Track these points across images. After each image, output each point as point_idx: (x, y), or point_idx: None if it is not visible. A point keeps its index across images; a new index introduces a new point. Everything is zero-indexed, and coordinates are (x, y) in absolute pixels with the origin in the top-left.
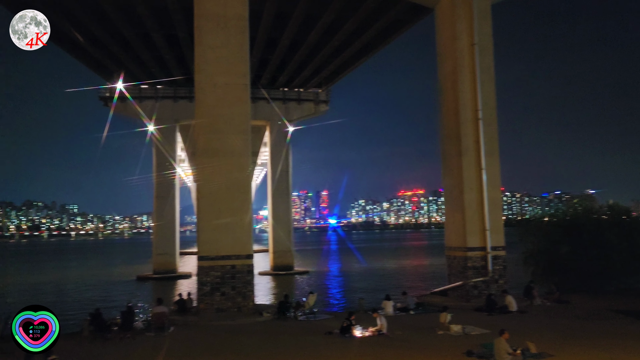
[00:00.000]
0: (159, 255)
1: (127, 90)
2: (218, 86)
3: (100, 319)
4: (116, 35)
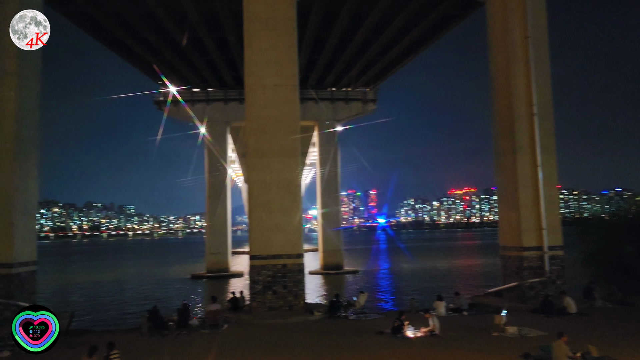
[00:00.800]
0: (212, 255)
1: (180, 94)
2: (267, 88)
3: (158, 315)
4: (169, 42)
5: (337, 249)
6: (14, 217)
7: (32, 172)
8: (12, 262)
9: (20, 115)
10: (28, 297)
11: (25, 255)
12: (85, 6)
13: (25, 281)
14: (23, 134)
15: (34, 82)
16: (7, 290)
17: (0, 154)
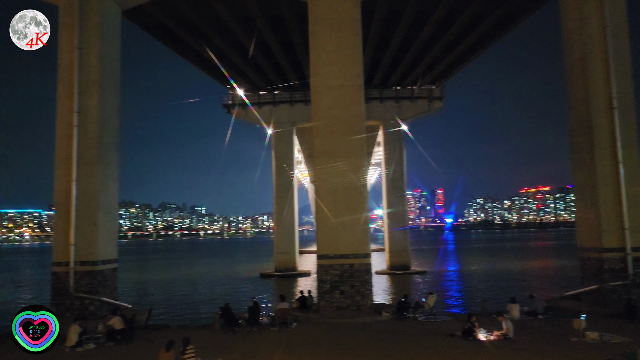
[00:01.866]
0: (279, 254)
1: (247, 97)
2: (333, 88)
3: (230, 313)
4: (237, 47)
5: (403, 249)
6: (97, 217)
7: (113, 175)
8: (96, 260)
9: (102, 122)
10: (110, 292)
11: (108, 253)
12: (159, 16)
13: (107, 278)
14: (104, 140)
15: (114, 90)
16: (91, 286)
17: (85, 159)
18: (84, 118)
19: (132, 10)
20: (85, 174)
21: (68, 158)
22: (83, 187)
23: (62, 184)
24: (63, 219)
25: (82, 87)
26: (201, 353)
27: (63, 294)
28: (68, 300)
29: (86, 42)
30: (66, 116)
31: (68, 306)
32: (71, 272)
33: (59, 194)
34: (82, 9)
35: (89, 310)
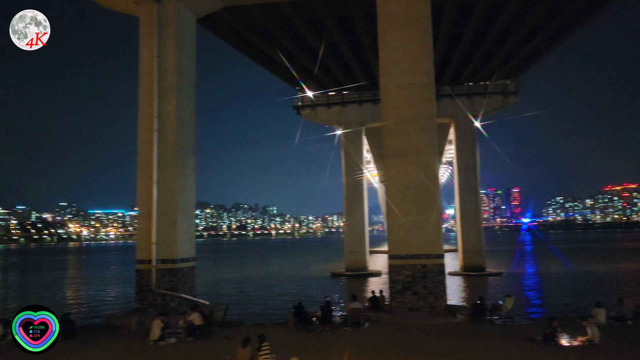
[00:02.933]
0: (350, 254)
1: (316, 98)
2: (402, 87)
3: (303, 311)
4: (306, 49)
5: (478, 250)
6: (176, 217)
7: (190, 177)
8: (176, 258)
9: (179, 126)
10: (189, 290)
11: (186, 252)
12: (231, 23)
13: (186, 275)
14: (182, 143)
15: (189, 95)
16: (171, 283)
17: (165, 162)
18: (163, 123)
19: (206, 18)
20: (164, 177)
21: (149, 161)
22: (163, 188)
23: (144, 186)
24: (145, 219)
25: (161, 93)
26: (276, 350)
27: (146, 290)
28: (151, 296)
29: (164, 50)
30: (147, 121)
31: (151, 302)
32: (153, 270)
33: (141, 196)
34: (161, 19)
35: (170, 306)
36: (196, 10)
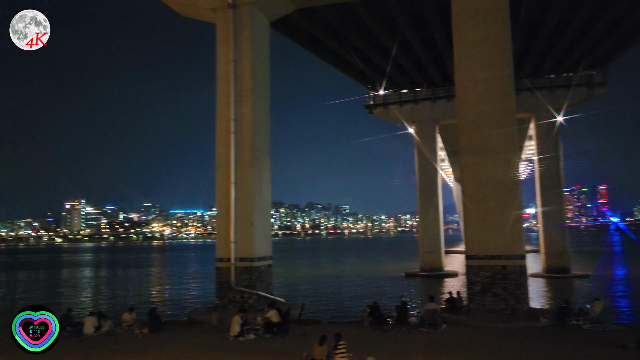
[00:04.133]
0: (425, 254)
1: (388, 97)
2: (479, 82)
3: (378, 311)
4: (378, 47)
5: (562, 251)
6: (253, 217)
7: (265, 177)
8: (253, 257)
9: (255, 128)
10: (266, 287)
11: (263, 250)
12: (304, 24)
13: (263, 273)
14: (257, 144)
15: (264, 97)
16: (249, 281)
17: (241, 163)
18: (240, 125)
19: (279, 21)
20: (241, 177)
21: (227, 162)
22: (240, 189)
23: (222, 187)
24: (224, 219)
25: (237, 96)
26: (352, 349)
27: (226, 287)
28: (230, 293)
29: (240, 54)
30: (224, 124)
31: (230, 299)
32: (232, 268)
33: (220, 196)
34: (236, 25)
35: (248, 303)
36: (269, 14)
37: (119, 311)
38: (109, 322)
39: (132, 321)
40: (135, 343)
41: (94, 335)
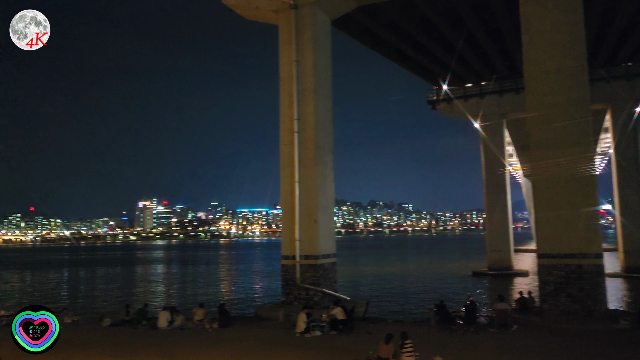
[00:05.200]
0: (493, 252)
1: (452, 92)
2: (550, 73)
3: (445, 310)
4: (441, 41)
5: None
6: (317, 215)
7: (329, 175)
8: (318, 254)
9: (318, 127)
10: (331, 285)
11: (327, 248)
12: (364, 21)
13: (328, 271)
14: (320, 143)
15: (326, 96)
16: (314, 278)
17: (305, 162)
18: (303, 124)
19: (340, 20)
20: (305, 176)
21: (290, 161)
22: (304, 187)
23: (286, 185)
24: (289, 217)
25: (300, 96)
26: (418, 348)
27: (291, 284)
28: (296, 290)
29: (302, 54)
30: (288, 123)
31: (296, 296)
32: (297, 265)
33: (284, 195)
34: (298, 25)
35: (313, 301)
36: (331, 13)
37: (189, 306)
38: (181, 316)
39: (202, 316)
40: (205, 337)
41: (168, 329)
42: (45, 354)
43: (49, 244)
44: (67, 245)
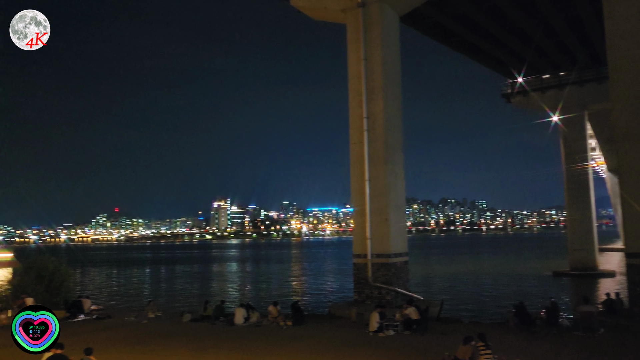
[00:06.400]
0: (575, 251)
1: (528, 83)
2: (636, 61)
3: (525, 312)
4: (515, 31)
5: None
6: (388, 213)
7: (399, 173)
8: (390, 253)
9: (387, 125)
10: (403, 284)
11: (399, 247)
12: (433, 16)
13: (400, 270)
14: (390, 141)
15: (396, 94)
16: (386, 277)
17: (375, 160)
18: (372, 123)
19: (408, 15)
20: (375, 174)
21: (360, 160)
22: (374, 186)
23: (356, 184)
24: (360, 216)
25: (369, 94)
26: (497, 351)
27: (363, 283)
28: (368, 289)
29: (370, 52)
30: (357, 122)
31: (368, 294)
32: (369, 264)
33: (354, 193)
34: (366, 23)
35: (385, 300)
36: (399, 9)
37: (262, 304)
38: (257, 313)
39: (277, 314)
40: (280, 334)
41: (244, 326)
42: (132, 344)
43: (132, 243)
44: (149, 244)
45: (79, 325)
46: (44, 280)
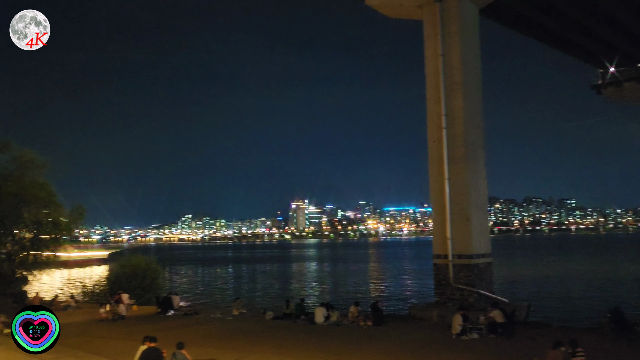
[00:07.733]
0: None
1: (622, 73)
2: None
3: (622, 317)
4: (604, 17)
5: None
6: (469, 213)
7: (481, 171)
8: (471, 254)
9: (467, 122)
10: (487, 286)
11: (481, 247)
12: (517, 7)
13: (483, 271)
14: (470, 139)
15: (476, 90)
16: (468, 278)
17: (454, 158)
18: (451, 120)
19: (488, 7)
20: (455, 173)
21: (439, 158)
22: (454, 184)
23: (435, 183)
24: (439, 215)
25: (447, 90)
26: (591, 358)
27: (444, 284)
28: (449, 290)
29: (448, 48)
30: (435, 120)
31: (449, 296)
32: (450, 265)
33: (434, 192)
34: (443, 18)
35: (468, 302)
36: (478, 1)
37: (341, 303)
38: (337, 313)
39: (357, 313)
40: (360, 334)
41: (324, 325)
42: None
43: (215, 242)
44: (231, 244)
45: (169, 320)
46: (137, 278)
